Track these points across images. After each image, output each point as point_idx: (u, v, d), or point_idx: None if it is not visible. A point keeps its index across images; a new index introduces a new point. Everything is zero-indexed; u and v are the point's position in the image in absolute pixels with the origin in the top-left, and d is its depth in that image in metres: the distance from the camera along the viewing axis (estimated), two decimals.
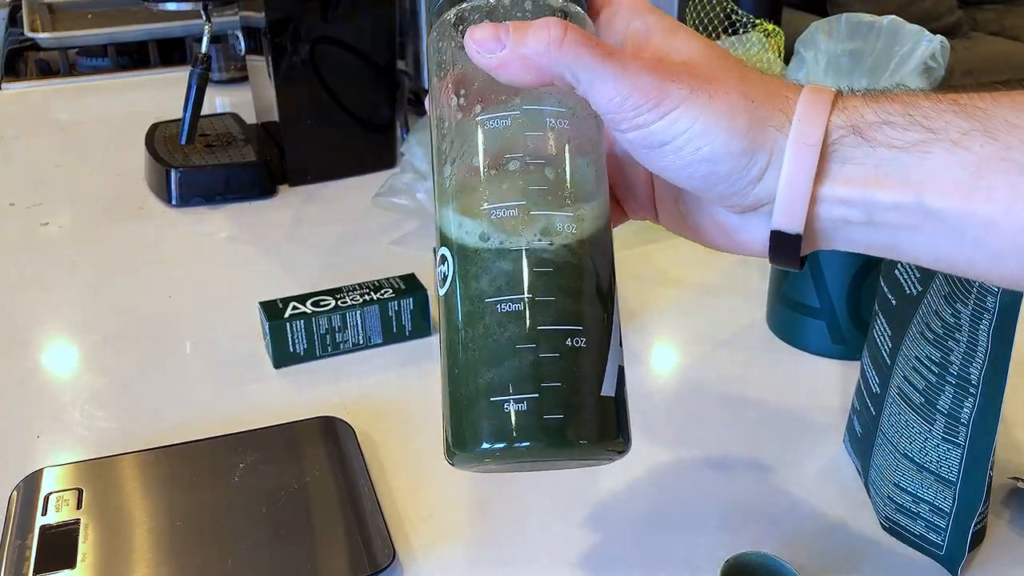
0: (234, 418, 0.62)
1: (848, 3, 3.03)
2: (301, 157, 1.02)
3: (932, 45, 0.89)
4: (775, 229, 0.38)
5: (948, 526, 0.49)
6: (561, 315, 0.38)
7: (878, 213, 0.37)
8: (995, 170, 0.34)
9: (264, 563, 0.50)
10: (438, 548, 0.52)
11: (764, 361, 0.70)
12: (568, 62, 0.36)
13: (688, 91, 0.36)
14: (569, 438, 0.38)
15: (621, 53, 0.37)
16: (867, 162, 0.36)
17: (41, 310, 0.79)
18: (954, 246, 0.36)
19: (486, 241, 0.39)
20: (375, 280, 0.73)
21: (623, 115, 0.37)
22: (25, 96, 1.41)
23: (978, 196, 0.35)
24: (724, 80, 0.37)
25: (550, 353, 0.38)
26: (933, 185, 0.35)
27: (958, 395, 0.47)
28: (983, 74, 3.08)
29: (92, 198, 1.01)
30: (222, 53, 1.40)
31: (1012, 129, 0.34)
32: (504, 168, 0.39)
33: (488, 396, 0.38)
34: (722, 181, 0.38)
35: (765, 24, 1.12)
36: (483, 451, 0.38)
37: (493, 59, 0.37)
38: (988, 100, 0.36)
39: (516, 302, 0.38)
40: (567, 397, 0.38)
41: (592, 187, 0.40)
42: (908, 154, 0.36)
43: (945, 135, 0.35)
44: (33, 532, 0.51)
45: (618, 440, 0.39)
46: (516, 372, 0.38)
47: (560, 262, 0.38)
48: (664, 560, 0.52)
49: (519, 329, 0.38)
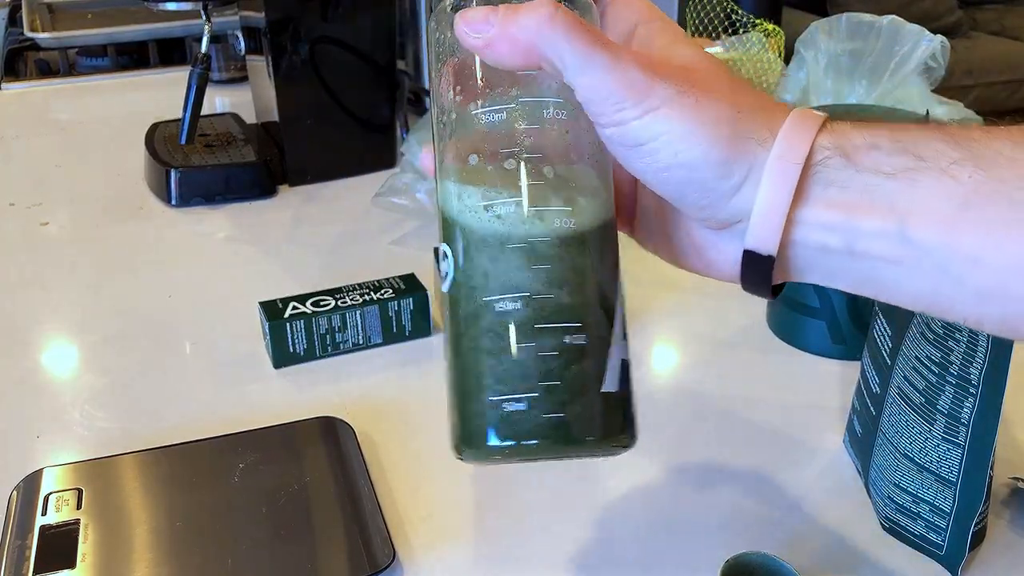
0: (234, 418, 0.62)
1: (848, 3, 3.03)
2: (301, 157, 1.02)
3: (932, 45, 0.89)
4: (748, 248, 0.37)
5: (948, 526, 0.49)
6: (560, 312, 0.38)
7: (859, 241, 0.35)
8: (984, 202, 0.33)
9: (264, 563, 0.50)
10: (438, 548, 0.52)
11: (764, 361, 0.70)
12: (556, 44, 0.35)
13: (675, 92, 0.36)
14: (573, 435, 0.38)
15: (613, 43, 0.36)
16: (851, 186, 0.35)
17: (41, 310, 0.79)
18: (935, 282, 0.34)
19: (483, 237, 0.38)
20: (375, 280, 0.73)
21: (604, 108, 0.36)
22: (25, 96, 1.41)
23: (964, 228, 0.33)
24: (715, 87, 0.37)
25: (549, 351, 0.37)
26: (918, 214, 0.34)
27: (958, 395, 0.47)
28: (983, 74, 3.08)
29: (92, 198, 1.01)
30: (222, 53, 1.40)
31: (1008, 162, 0.33)
32: (501, 162, 0.38)
33: (491, 394, 0.38)
34: (697, 190, 0.36)
35: (765, 24, 1.12)
36: (490, 448, 0.38)
37: (480, 39, 0.36)
38: (982, 132, 0.34)
39: (514, 299, 0.38)
40: (567, 395, 0.37)
41: (593, 180, 0.39)
42: (895, 180, 0.34)
43: (934, 163, 0.34)
44: (33, 532, 0.51)
45: (623, 436, 0.39)
46: (516, 370, 0.38)
47: (558, 257, 0.38)
48: (664, 560, 0.52)
49: (518, 326, 0.38)
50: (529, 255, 0.38)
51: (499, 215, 0.38)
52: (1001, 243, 0.33)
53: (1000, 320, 0.34)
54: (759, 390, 0.67)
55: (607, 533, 0.54)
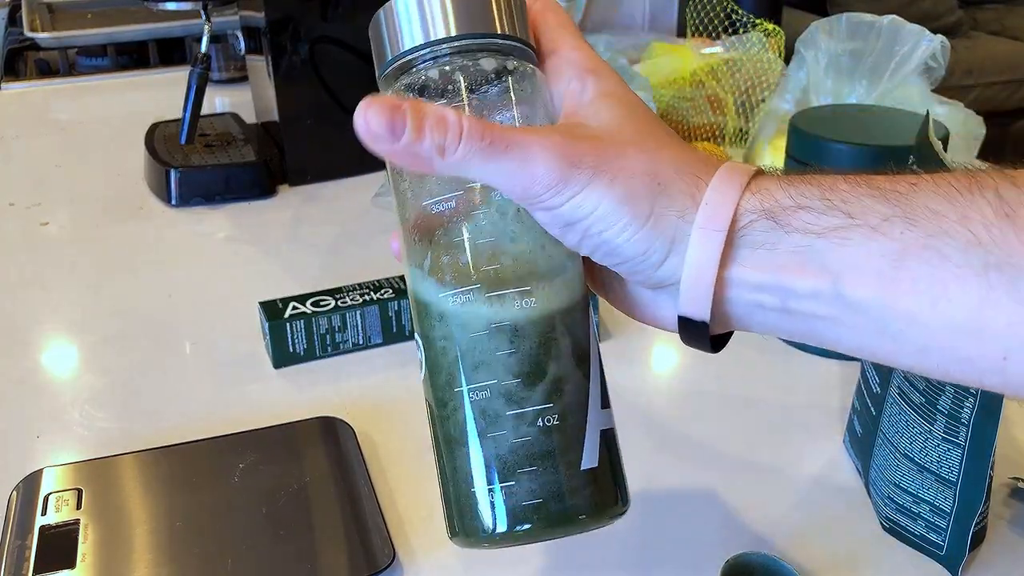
0: (234, 418, 0.62)
1: (848, 3, 3.02)
2: (301, 157, 1.02)
3: (932, 45, 0.89)
4: (681, 315, 0.37)
5: (948, 526, 0.49)
6: (528, 397, 0.37)
7: (793, 301, 0.35)
8: (917, 259, 0.32)
9: (264, 563, 0.50)
10: (438, 548, 0.52)
11: (764, 361, 0.70)
12: (463, 165, 0.35)
13: (590, 174, 0.35)
14: (562, 517, 0.37)
15: (523, 138, 0.36)
16: (780, 247, 0.34)
17: (41, 310, 0.79)
18: (875, 339, 0.34)
19: (444, 327, 0.38)
20: (375, 280, 0.73)
21: (529, 200, 0.36)
22: (25, 96, 1.41)
23: (900, 288, 0.33)
24: (633, 158, 0.36)
25: (522, 437, 0.37)
26: (852, 274, 0.33)
27: (958, 395, 0.47)
28: (983, 74, 3.08)
29: (92, 198, 1.01)
30: (222, 53, 1.40)
31: (933, 216, 0.32)
32: (456, 252, 0.38)
33: (472, 484, 0.38)
34: (625, 262, 0.37)
35: (765, 24, 1.12)
36: (481, 538, 0.38)
37: (385, 150, 0.35)
38: (907, 184, 0.34)
39: (482, 389, 0.37)
40: (547, 479, 0.37)
41: (552, 259, 0.38)
42: (825, 240, 0.34)
43: (864, 220, 0.33)
44: (33, 532, 0.51)
45: (614, 507, 0.39)
46: (492, 459, 0.37)
47: (523, 342, 0.37)
48: (664, 560, 0.52)
49: (489, 415, 0.37)
50: (491, 341, 0.37)
51: (455, 306, 0.37)
52: (936, 301, 0.32)
53: (944, 373, 0.34)
54: (759, 390, 0.67)
55: (607, 533, 0.53)
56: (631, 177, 0.36)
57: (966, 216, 0.32)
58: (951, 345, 0.33)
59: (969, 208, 0.32)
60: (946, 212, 0.32)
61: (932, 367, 0.34)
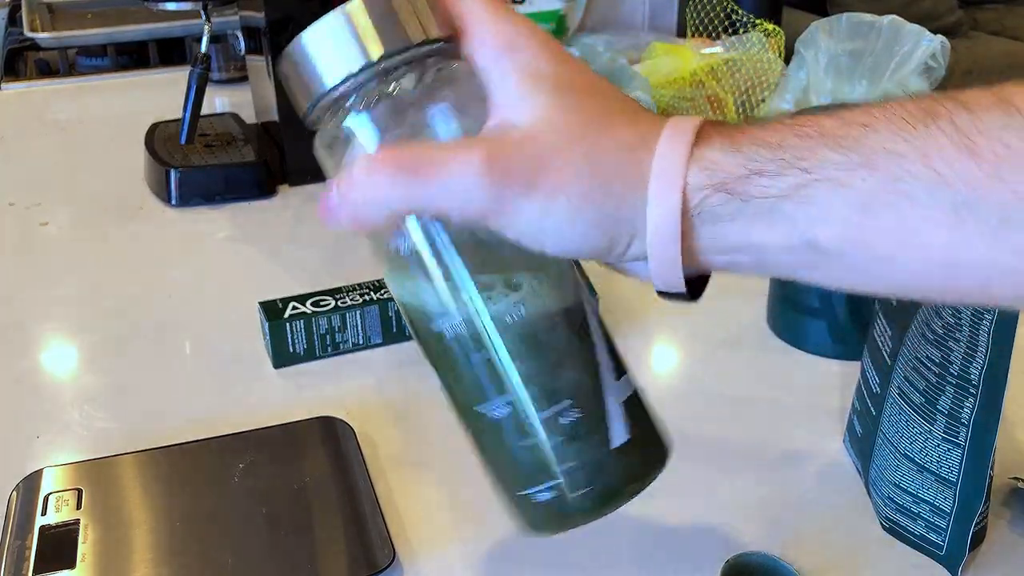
0: (234, 418, 0.62)
1: (848, 3, 3.03)
2: (301, 157, 1.02)
3: (932, 45, 0.89)
4: (658, 290, 0.38)
5: (948, 526, 0.49)
6: (545, 399, 0.37)
7: (768, 257, 0.35)
8: (885, 204, 0.32)
9: (264, 563, 0.50)
10: (438, 548, 0.52)
11: (764, 361, 0.70)
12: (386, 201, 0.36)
13: (525, 187, 0.34)
14: (613, 494, 0.39)
15: (441, 156, 0.35)
16: (742, 216, 0.34)
17: (41, 310, 0.79)
18: (854, 276, 0.35)
19: (446, 349, 0.38)
20: (375, 280, 0.73)
21: (473, 223, 0.35)
22: (25, 96, 1.41)
23: (872, 235, 0.33)
24: (569, 159, 0.35)
25: (549, 439, 0.37)
26: (821, 226, 0.33)
27: (958, 395, 0.47)
28: (983, 74, 3.08)
29: (92, 198, 1.01)
30: (222, 53, 1.40)
31: (894, 158, 0.32)
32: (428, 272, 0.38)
33: (517, 490, 0.39)
34: (592, 255, 0.37)
35: (765, 24, 1.12)
36: (547, 534, 0.40)
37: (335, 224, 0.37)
38: (860, 127, 0.33)
39: (498, 406, 0.38)
40: (587, 468, 0.38)
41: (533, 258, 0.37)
42: (789, 200, 0.33)
43: (823, 174, 0.33)
44: (33, 532, 0.51)
45: (658, 462, 0.40)
46: (529, 465, 0.38)
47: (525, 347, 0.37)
48: (664, 560, 0.52)
49: (511, 427, 0.38)
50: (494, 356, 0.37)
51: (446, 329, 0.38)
52: (908, 244, 0.32)
53: (925, 299, 0.36)
54: (759, 390, 0.67)
55: (607, 533, 0.54)
56: (572, 183, 0.35)
57: (926, 154, 0.31)
58: (929, 278, 0.33)
59: (927, 144, 0.32)
60: (904, 151, 0.32)
61: (913, 295, 0.35)
